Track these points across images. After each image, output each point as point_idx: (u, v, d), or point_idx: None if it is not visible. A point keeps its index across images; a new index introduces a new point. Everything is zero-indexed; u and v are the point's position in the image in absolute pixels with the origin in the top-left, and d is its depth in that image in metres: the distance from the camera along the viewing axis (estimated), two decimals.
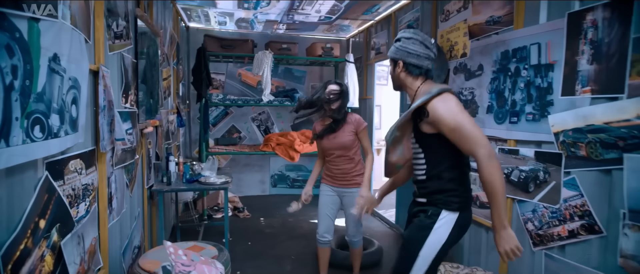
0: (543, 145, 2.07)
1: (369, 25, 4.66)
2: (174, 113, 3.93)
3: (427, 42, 1.58)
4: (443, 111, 1.38)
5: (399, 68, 1.57)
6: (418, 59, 1.55)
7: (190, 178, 2.85)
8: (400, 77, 1.59)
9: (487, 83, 2.50)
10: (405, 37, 1.56)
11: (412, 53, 1.54)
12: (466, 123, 1.36)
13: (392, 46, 1.61)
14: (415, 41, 1.55)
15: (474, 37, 2.67)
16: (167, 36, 3.50)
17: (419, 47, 1.55)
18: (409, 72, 1.56)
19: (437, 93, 1.42)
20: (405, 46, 1.55)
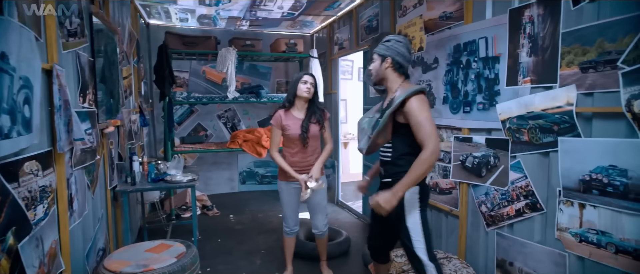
0: (493, 132, 2.23)
1: (332, 21, 4.74)
2: (137, 112, 3.84)
3: (410, 49, 1.83)
4: (415, 106, 1.64)
5: (387, 64, 1.78)
6: (403, 60, 1.79)
7: (155, 177, 2.82)
8: (386, 72, 1.80)
9: (442, 75, 2.65)
10: (396, 40, 1.79)
11: (401, 54, 1.77)
12: (428, 121, 1.63)
13: (381, 44, 1.82)
14: (403, 45, 1.79)
15: (429, 31, 2.81)
16: (125, 33, 3.41)
17: (405, 51, 1.79)
18: (394, 69, 1.79)
19: (417, 91, 1.68)
20: (396, 47, 1.78)
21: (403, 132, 1.71)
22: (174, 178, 2.89)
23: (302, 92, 2.34)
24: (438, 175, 2.76)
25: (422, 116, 1.62)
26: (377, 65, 1.82)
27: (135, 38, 3.79)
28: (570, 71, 1.74)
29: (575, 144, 1.72)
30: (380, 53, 1.80)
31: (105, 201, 2.43)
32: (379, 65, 1.81)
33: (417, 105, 1.63)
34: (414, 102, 1.64)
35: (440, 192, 2.75)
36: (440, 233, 2.78)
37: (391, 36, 1.81)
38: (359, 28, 4.04)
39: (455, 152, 2.53)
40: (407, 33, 3.12)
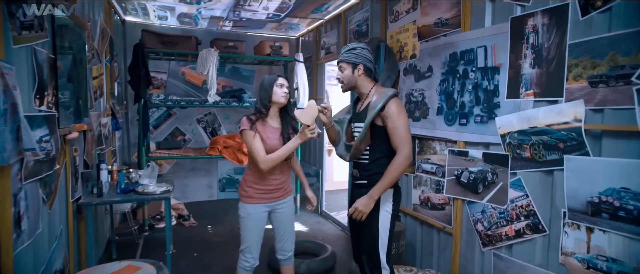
0: (491, 147, 2.11)
1: (319, 25, 4.59)
2: (108, 115, 3.56)
3: (372, 53, 1.94)
4: (394, 111, 1.73)
5: (359, 71, 1.85)
6: (371, 65, 1.87)
7: (125, 188, 2.57)
8: (359, 79, 1.86)
9: (437, 85, 2.52)
10: (362, 47, 1.86)
11: (369, 59, 1.86)
12: (404, 127, 1.74)
13: (348, 53, 1.86)
14: (369, 52, 1.87)
15: (423, 38, 2.68)
16: (97, 29, 3.15)
17: (371, 57, 1.88)
18: (367, 75, 1.87)
19: (393, 95, 1.77)
20: (364, 54, 1.85)
21: (379, 135, 1.78)
22: (147, 188, 2.65)
23: (280, 97, 1.97)
24: (430, 189, 2.63)
25: (400, 121, 1.72)
26: (348, 74, 1.86)
27: (108, 35, 3.52)
28: (578, 85, 1.63)
29: (583, 163, 1.61)
30: (350, 61, 1.84)
31: (65, 216, 2.17)
32: (350, 73, 1.85)
33: (395, 109, 1.72)
34: (393, 106, 1.73)
35: (432, 207, 2.61)
36: (432, 250, 2.65)
37: (354, 44, 1.87)
38: (348, 32, 3.90)
39: (449, 166, 2.40)
40: (398, 39, 2.99)
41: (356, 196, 1.86)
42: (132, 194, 2.56)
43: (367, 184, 1.82)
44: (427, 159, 2.65)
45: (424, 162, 2.68)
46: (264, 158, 1.90)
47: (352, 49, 1.85)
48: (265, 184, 2.00)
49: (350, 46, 1.86)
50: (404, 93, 2.90)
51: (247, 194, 2.01)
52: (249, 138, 1.91)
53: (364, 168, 1.85)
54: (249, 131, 1.91)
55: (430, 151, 2.63)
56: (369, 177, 1.83)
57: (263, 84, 2.00)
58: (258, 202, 2.01)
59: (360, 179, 1.88)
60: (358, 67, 1.83)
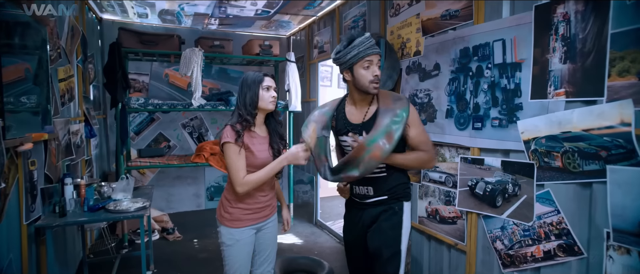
0: (511, 154, 1.85)
1: (311, 22, 4.31)
2: (81, 121, 3.23)
3: None
4: (416, 115, 1.60)
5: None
6: None
7: (93, 205, 2.25)
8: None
9: (445, 84, 2.25)
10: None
11: None
12: (425, 131, 1.63)
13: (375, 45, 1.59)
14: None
15: (428, 33, 2.42)
16: (64, 27, 2.82)
17: None
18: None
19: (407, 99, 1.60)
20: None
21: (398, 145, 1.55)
22: (120, 205, 2.33)
23: (268, 103, 1.65)
24: (439, 201, 2.36)
25: (421, 126, 1.61)
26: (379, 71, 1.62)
27: (80, 33, 3.19)
28: (625, 82, 1.37)
29: (633, 176, 1.35)
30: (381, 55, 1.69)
31: (18, 242, 1.85)
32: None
33: (415, 113, 1.60)
34: (413, 111, 1.57)
35: (441, 221, 2.34)
36: (442, 268, 2.37)
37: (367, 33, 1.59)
38: (343, 30, 3.62)
39: (462, 175, 2.13)
40: (400, 34, 2.72)
41: (371, 216, 1.65)
42: (101, 212, 2.24)
43: (388, 200, 1.63)
44: (435, 167, 2.38)
45: (432, 171, 2.41)
46: (242, 181, 1.58)
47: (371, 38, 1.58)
48: (254, 203, 1.69)
49: (369, 36, 1.57)
50: (407, 94, 2.63)
51: (232, 216, 1.67)
52: (233, 154, 1.57)
53: (382, 183, 1.63)
54: (234, 145, 1.57)
55: (438, 158, 2.36)
56: (389, 191, 1.63)
57: (245, 85, 1.64)
58: (246, 225, 1.69)
59: (376, 195, 1.64)
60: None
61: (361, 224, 1.68)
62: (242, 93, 1.65)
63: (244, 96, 1.64)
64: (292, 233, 4.05)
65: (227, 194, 1.70)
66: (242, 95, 1.65)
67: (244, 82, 1.66)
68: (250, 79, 1.65)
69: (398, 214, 1.61)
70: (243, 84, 1.65)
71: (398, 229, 1.60)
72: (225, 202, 1.71)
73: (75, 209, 2.25)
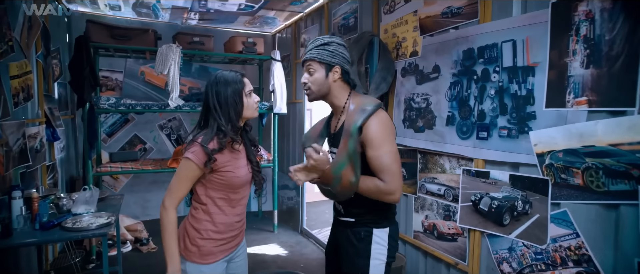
0: (522, 168, 1.66)
1: (298, 19, 4.07)
2: (42, 123, 2.91)
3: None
4: (374, 132, 1.27)
5: (335, 75, 1.36)
6: (349, 67, 1.40)
7: (47, 222, 1.96)
8: (333, 86, 1.38)
9: (446, 88, 2.06)
10: (338, 43, 1.38)
11: (346, 60, 1.38)
12: (390, 153, 1.28)
13: (320, 49, 1.36)
14: (345, 49, 1.40)
15: (426, 32, 2.22)
16: (19, 17, 2.51)
17: (348, 56, 1.40)
18: (345, 81, 1.39)
19: (375, 109, 1.30)
20: (341, 51, 1.37)
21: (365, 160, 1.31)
22: (80, 221, 2.05)
23: (254, 111, 1.39)
24: (437, 215, 2.17)
25: (384, 148, 1.26)
26: (320, 77, 1.36)
27: (40, 24, 2.87)
28: None
29: None
30: (324, 60, 1.35)
31: None
32: (322, 76, 1.36)
33: (377, 130, 1.27)
34: (373, 126, 1.28)
35: (439, 237, 2.15)
36: None
37: (327, 37, 1.39)
38: (332, 27, 3.40)
39: (464, 189, 1.94)
40: (395, 33, 2.52)
41: (340, 237, 1.45)
42: (56, 230, 1.95)
43: (355, 223, 1.39)
44: (433, 179, 2.19)
45: (429, 182, 2.21)
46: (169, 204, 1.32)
47: (325, 45, 1.35)
48: (229, 231, 1.39)
49: (322, 40, 1.37)
50: (402, 97, 2.42)
51: (203, 250, 1.34)
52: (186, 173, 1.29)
53: (350, 202, 1.38)
54: (195, 166, 1.27)
55: (436, 169, 2.17)
56: (358, 214, 1.39)
57: (223, 88, 1.33)
58: (218, 259, 1.38)
59: (345, 215, 1.42)
60: (333, 69, 1.35)
61: (335, 240, 1.50)
62: (218, 98, 1.33)
63: (222, 103, 1.32)
64: (276, 243, 3.81)
65: (195, 223, 1.37)
66: (219, 101, 1.32)
67: (220, 83, 1.33)
68: (230, 79, 1.34)
69: (365, 241, 1.37)
70: (219, 87, 1.33)
71: (365, 259, 1.36)
72: (192, 232, 1.36)
73: (25, 227, 1.96)
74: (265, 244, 3.77)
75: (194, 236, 1.35)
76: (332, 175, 1.27)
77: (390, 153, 1.26)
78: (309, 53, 1.36)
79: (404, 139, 2.41)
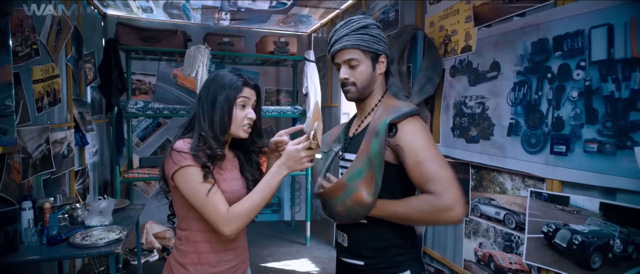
0: (620, 195, 1.24)
1: (334, 16, 3.78)
2: (70, 128, 2.86)
3: None
4: (412, 133, 1.01)
5: (381, 66, 1.11)
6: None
7: (55, 237, 1.81)
8: (378, 79, 1.12)
9: (508, 90, 1.66)
10: (376, 25, 1.10)
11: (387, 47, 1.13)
12: (438, 157, 0.98)
13: (360, 34, 1.06)
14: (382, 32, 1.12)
15: (482, 22, 1.84)
16: (46, 20, 2.44)
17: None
18: (385, 76, 1.15)
19: (410, 113, 1.04)
20: (383, 36, 1.10)
21: (390, 178, 1.02)
22: (89, 236, 1.89)
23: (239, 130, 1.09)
24: (494, 244, 1.77)
25: (430, 151, 0.98)
26: (366, 70, 1.08)
27: (70, 28, 2.81)
28: None
29: None
30: (370, 48, 1.07)
31: None
32: (369, 69, 1.09)
33: (417, 131, 1.01)
34: (411, 129, 1.01)
35: (496, 270, 1.75)
36: None
37: (364, 18, 1.08)
38: None
39: (532, 216, 1.53)
40: (443, 26, 2.15)
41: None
42: (63, 245, 1.80)
43: (364, 268, 1.06)
44: (490, 200, 1.80)
45: (485, 204, 1.82)
46: (229, 215, 0.99)
47: (365, 28, 1.06)
48: (221, 263, 1.10)
49: (358, 22, 1.07)
50: (451, 101, 2.05)
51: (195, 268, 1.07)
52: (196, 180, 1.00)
53: (359, 234, 1.07)
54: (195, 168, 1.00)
55: (494, 188, 1.77)
56: (370, 254, 1.05)
57: (216, 88, 1.06)
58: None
59: (349, 252, 1.09)
60: (380, 59, 1.09)
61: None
62: (207, 101, 1.06)
63: (209, 107, 1.06)
64: (307, 258, 3.53)
65: (180, 256, 1.09)
66: (207, 104, 1.06)
67: (215, 84, 1.08)
68: (224, 84, 1.06)
69: None
70: (212, 88, 1.07)
71: None
72: (182, 259, 1.07)
73: (33, 241, 1.82)
74: (296, 258, 3.50)
75: (182, 263, 1.08)
76: (345, 184, 0.99)
77: (438, 157, 0.97)
78: (346, 39, 1.06)
79: (453, 151, 2.04)
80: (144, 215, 3.01)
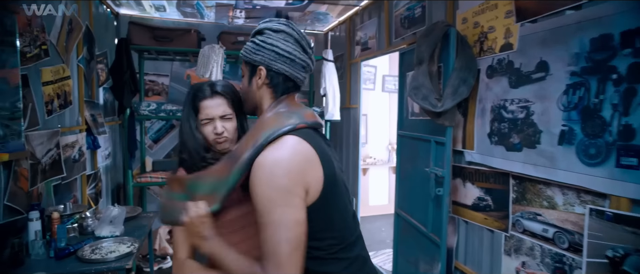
0: None
1: (353, 14, 3.62)
2: (82, 131, 2.76)
3: (304, 42, 1.00)
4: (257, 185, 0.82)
5: (260, 78, 0.96)
6: (292, 66, 0.96)
7: (62, 250, 1.70)
8: (258, 94, 0.98)
9: (560, 93, 1.48)
10: (273, 30, 0.96)
11: (283, 55, 0.95)
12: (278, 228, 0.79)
13: (250, 42, 0.99)
14: (288, 37, 0.96)
15: (526, 17, 1.65)
16: (56, 20, 2.34)
17: (294, 47, 0.96)
18: (272, 87, 0.97)
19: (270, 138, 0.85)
20: (273, 43, 0.95)
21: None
22: (98, 248, 1.77)
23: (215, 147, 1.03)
24: (541, 265, 1.59)
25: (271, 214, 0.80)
26: (245, 82, 1.01)
27: (81, 28, 2.71)
28: None
29: None
30: (246, 58, 0.98)
31: None
32: (246, 81, 1.00)
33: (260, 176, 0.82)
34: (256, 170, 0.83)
35: None
36: None
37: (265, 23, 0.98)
38: (393, 21, 2.90)
39: (592, 237, 1.35)
40: (478, 22, 1.97)
41: None
42: (71, 259, 1.68)
43: None
44: (535, 215, 1.62)
45: (529, 219, 1.64)
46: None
47: (255, 34, 0.99)
48: None
49: (257, 28, 1.00)
50: (488, 105, 1.87)
51: None
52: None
53: None
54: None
55: (540, 202, 1.59)
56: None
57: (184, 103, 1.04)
58: None
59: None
60: (258, 71, 0.96)
61: None
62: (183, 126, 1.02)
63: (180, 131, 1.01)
64: None
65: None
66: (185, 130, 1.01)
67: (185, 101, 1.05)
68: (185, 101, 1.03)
69: None
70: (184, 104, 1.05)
71: None
72: None
73: (40, 254, 1.71)
74: None
75: None
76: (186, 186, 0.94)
77: (278, 227, 0.79)
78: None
79: (490, 159, 1.86)
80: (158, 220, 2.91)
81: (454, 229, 2.18)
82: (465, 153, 2.06)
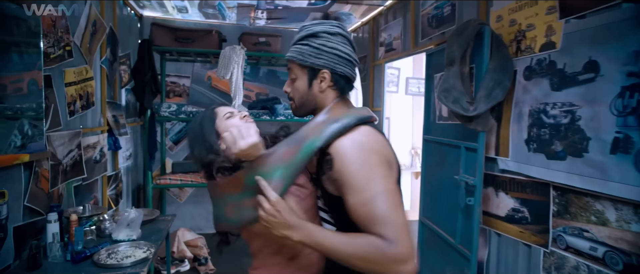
0: None
1: (377, 14, 3.51)
2: (104, 132, 2.77)
3: (353, 43, 1.00)
4: (351, 162, 0.83)
5: (325, 81, 0.96)
6: (351, 67, 0.97)
7: (79, 254, 1.67)
8: (320, 96, 0.98)
9: (613, 96, 1.33)
10: (331, 33, 0.95)
11: (344, 58, 0.95)
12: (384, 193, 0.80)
13: (301, 44, 0.97)
14: (344, 39, 0.96)
15: (571, 13, 1.51)
16: (80, 21, 2.34)
17: (350, 48, 0.97)
18: (337, 89, 0.98)
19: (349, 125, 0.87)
20: (334, 47, 0.94)
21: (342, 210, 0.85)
22: (114, 252, 1.73)
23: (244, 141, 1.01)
24: None
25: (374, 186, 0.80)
26: (302, 86, 0.99)
27: (105, 29, 2.72)
28: None
29: None
30: (305, 62, 0.95)
31: None
32: (305, 84, 0.98)
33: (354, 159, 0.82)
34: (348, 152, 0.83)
35: None
36: None
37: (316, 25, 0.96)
38: (419, 20, 2.78)
39: None
40: (514, 20, 1.83)
41: None
42: (87, 263, 1.64)
43: None
44: (581, 231, 1.46)
45: (574, 235, 1.49)
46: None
47: (309, 37, 0.95)
48: None
49: (306, 30, 0.97)
50: (526, 108, 1.73)
51: None
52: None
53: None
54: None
55: (587, 216, 1.44)
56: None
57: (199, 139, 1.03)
58: None
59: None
60: (320, 75, 0.96)
61: None
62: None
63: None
64: None
65: None
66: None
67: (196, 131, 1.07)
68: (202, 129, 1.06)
69: None
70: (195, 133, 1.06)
71: None
72: None
73: (57, 257, 1.68)
74: None
75: None
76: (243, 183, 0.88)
77: (387, 193, 0.80)
78: (289, 50, 1.01)
79: (528, 168, 1.71)
80: (176, 221, 2.88)
81: (484, 241, 2.03)
82: (499, 160, 1.92)
